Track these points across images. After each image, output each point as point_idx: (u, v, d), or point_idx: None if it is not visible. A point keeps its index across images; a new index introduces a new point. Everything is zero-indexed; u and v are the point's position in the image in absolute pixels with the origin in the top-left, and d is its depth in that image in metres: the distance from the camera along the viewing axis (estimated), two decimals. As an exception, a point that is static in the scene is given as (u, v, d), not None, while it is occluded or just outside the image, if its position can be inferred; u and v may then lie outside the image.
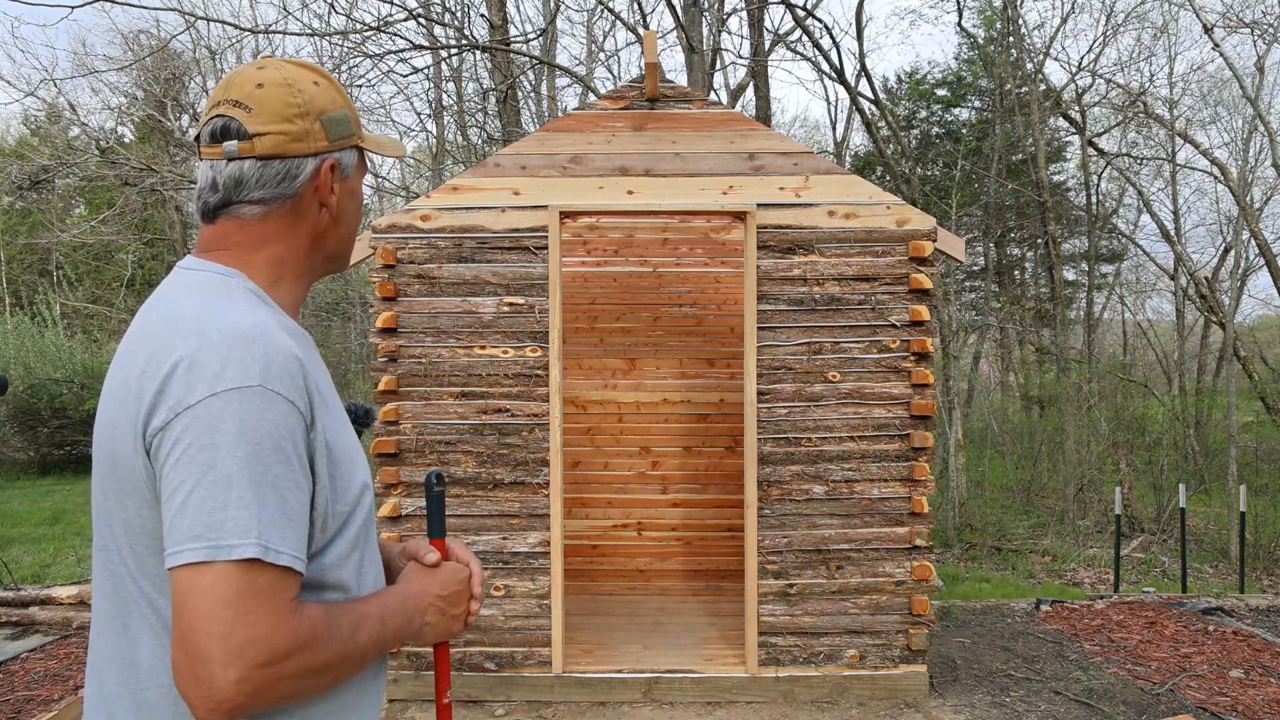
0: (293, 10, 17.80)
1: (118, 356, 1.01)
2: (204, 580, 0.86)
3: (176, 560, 0.87)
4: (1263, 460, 10.18)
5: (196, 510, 0.87)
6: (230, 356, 0.91)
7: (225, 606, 0.85)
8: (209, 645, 0.85)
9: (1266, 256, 10.71)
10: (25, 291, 19.16)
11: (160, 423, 0.91)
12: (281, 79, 1.06)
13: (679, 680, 3.99)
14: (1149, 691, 4.14)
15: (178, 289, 1.04)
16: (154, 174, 15.37)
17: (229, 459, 0.88)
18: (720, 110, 4.09)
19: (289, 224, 1.09)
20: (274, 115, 1.04)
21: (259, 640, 0.86)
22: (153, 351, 0.95)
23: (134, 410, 0.94)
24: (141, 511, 0.96)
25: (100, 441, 1.01)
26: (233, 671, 0.84)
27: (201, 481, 0.88)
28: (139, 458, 0.94)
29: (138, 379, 0.94)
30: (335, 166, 1.10)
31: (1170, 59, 17.27)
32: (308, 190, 1.09)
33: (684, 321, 5.94)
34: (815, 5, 11.24)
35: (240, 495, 0.88)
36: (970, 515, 8.97)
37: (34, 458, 13.84)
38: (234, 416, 0.89)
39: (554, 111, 13.81)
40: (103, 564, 1.04)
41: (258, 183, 1.06)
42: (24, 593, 5.53)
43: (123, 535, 0.99)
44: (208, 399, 0.89)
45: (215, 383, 0.90)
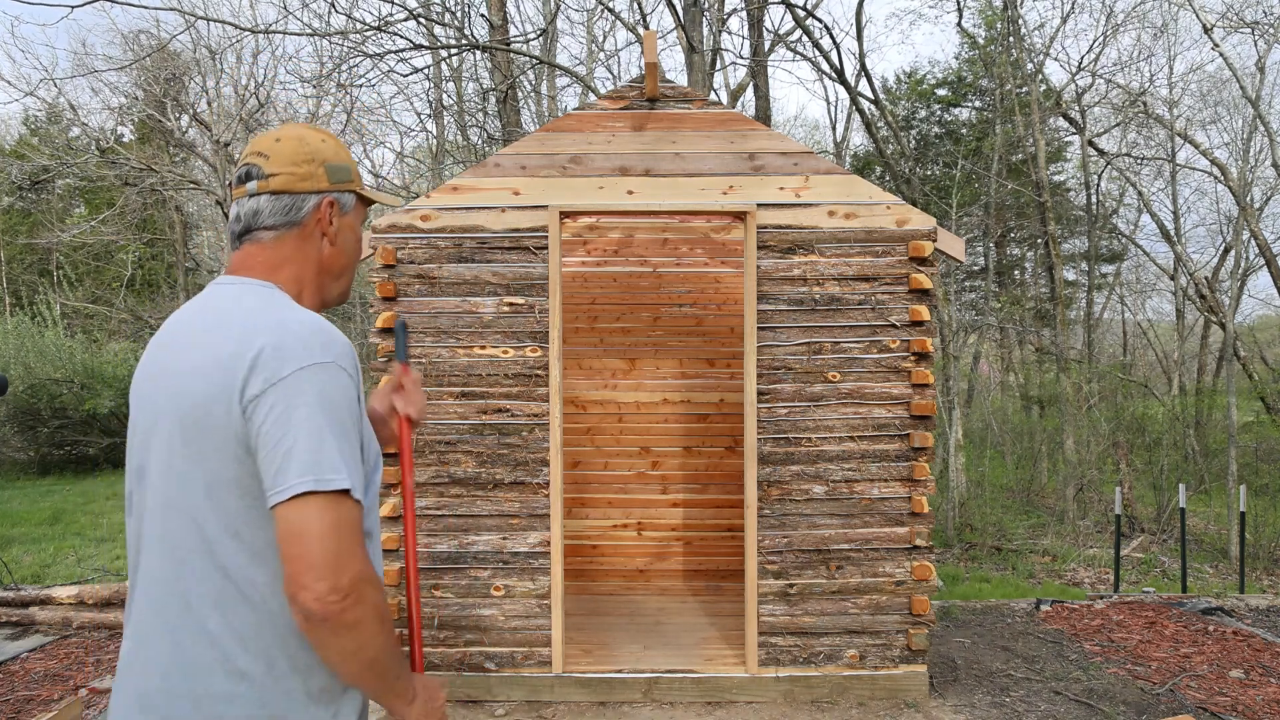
0: (293, 10, 17.82)
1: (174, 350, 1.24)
2: (310, 510, 1.09)
3: (286, 494, 1.10)
4: (1263, 460, 10.18)
5: (299, 456, 1.11)
6: (308, 341, 1.17)
7: (332, 527, 1.10)
8: (318, 550, 1.08)
9: (1266, 256, 10.71)
10: (25, 291, 19.17)
11: (256, 391, 1.13)
12: (294, 135, 1.35)
13: (679, 680, 3.99)
14: (1149, 691, 4.14)
15: (227, 297, 1.27)
16: (154, 174, 15.38)
17: (318, 417, 1.13)
18: (720, 110, 4.09)
19: (298, 248, 1.35)
20: (286, 161, 1.33)
21: (353, 553, 1.11)
22: (236, 340, 1.17)
23: (228, 384, 1.15)
24: (228, 465, 1.16)
25: (174, 416, 1.19)
26: (342, 572, 1.09)
27: (299, 434, 1.12)
28: (234, 421, 1.14)
29: (227, 362, 1.15)
30: (334, 203, 1.37)
31: (1170, 59, 17.29)
32: (311, 220, 1.35)
33: (684, 321, 5.94)
34: (815, 5, 11.24)
35: (329, 444, 1.13)
36: (970, 515, 8.97)
37: (34, 458, 13.84)
38: (316, 385, 1.15)
39: (554, 111, 13.81)
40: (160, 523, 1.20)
41: (270, 213, 1.32)
42: (24, 593, 5.53)
43: (201, 489, 1.17)
44: (296, 372, 1.14)
45: (301, 360, 1.15)
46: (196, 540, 1.17)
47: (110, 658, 4.70)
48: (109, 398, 13.59)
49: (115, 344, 15.83)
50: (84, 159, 15.97)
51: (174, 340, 1.25)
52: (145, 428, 1.25)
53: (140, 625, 1.21)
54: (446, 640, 4.00)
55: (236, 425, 1.14)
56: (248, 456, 1.15)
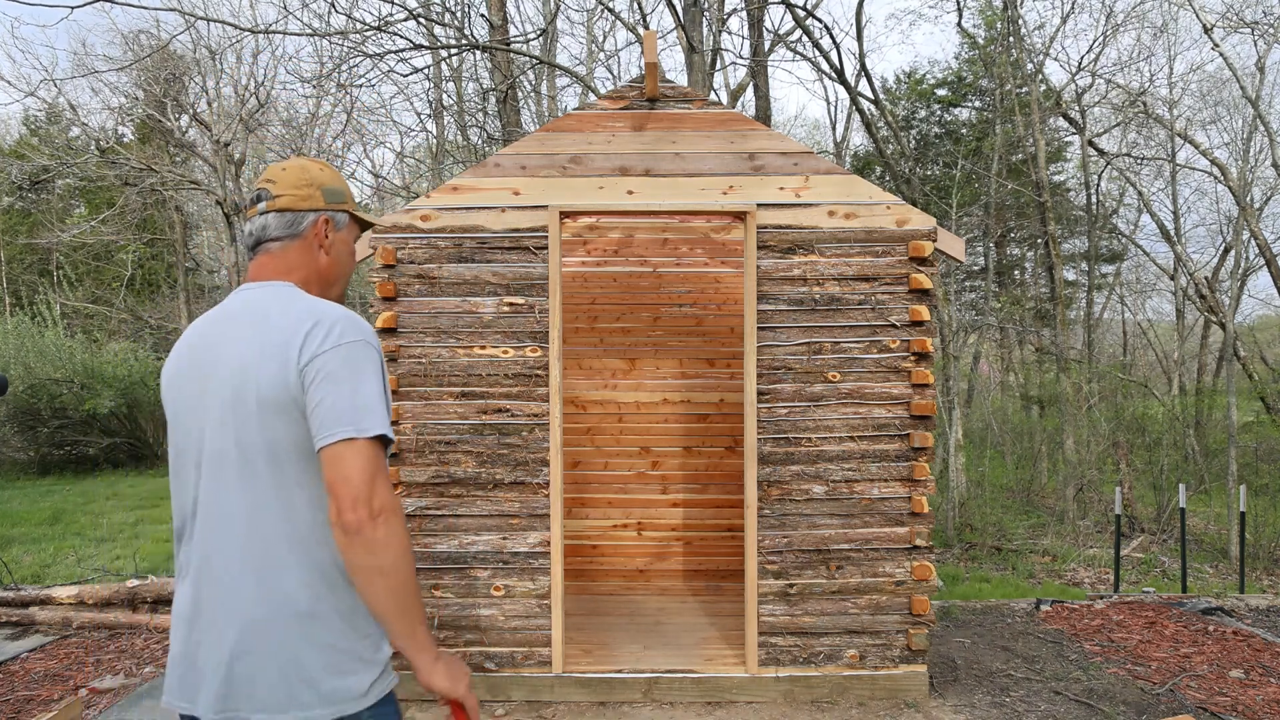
0: (293, 10, 17.83)
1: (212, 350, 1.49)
2: (353, 450, 1.36)
3: (331, 439, 1.37)
4: (1263, 460, 10.18)
5: (342, 409, 1.38)
6: (344, 323, 1.46)
7: (368, 464, 1.37)
8: (357, 480, 1.35)
9: (1266, 256, 10.71)
10: (25, 291, 19.16)
11: (307, 360, 1.41)
12: (298, 165, 1.64)
13: (679, 680, 3.99)
14: (1149, 691, 4.14)
15: (260, 298, 1.53)
16: (154, 174, 15.38)
17: (357, 380, 1.41)
18: (720, 110, 4.09)
19: (300, 258, 1.62)
20: (289, 185, 1.61)
21: (384, 486, 1.38)
22: (283, 328, 1.44)
23: (284, 360, 1.41)
24: (290, 428, 1.42)
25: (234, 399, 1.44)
26: (377, 497, 1.36)
27: (343, 392, 1.39)
28: (293, 388, 1.41)
29: (281, 346, 1.42)
30: (329, 221, 1.65)
31: (1170, 59, 17.29)
32: (310, 234, 1.63)
33: (684, 321, 5.94)
34: (815, 5, 11.23)
35: (367, 400, 1.40)
36: (970, 515, 8.97)
37: (34, 458, 13.84)
38: (354, 355, 1.43)
39: (554, 111, 13.81)
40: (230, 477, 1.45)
41: (276, 226, 1.60)
42: (24, 593, 5.53)
43: (273, 448, 1.43)
44: (335, 346, 1.42)
45: (341, 337, 1.44)
46: (270, 498, 1.43)
47: (110, 658, 4.70)
48: (109, 398, 13.59)
49: (115, 344, 15.82)
50: (84, 159, 15.98)
51: (219, 338, 1.50)
52: (197, 413, 1.49)
53: (215, 575, 1.45)
54: (446, 640, 4.00)
55: (295, 394, 1.42)
56: (304, 419, 1.42)
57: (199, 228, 20.99)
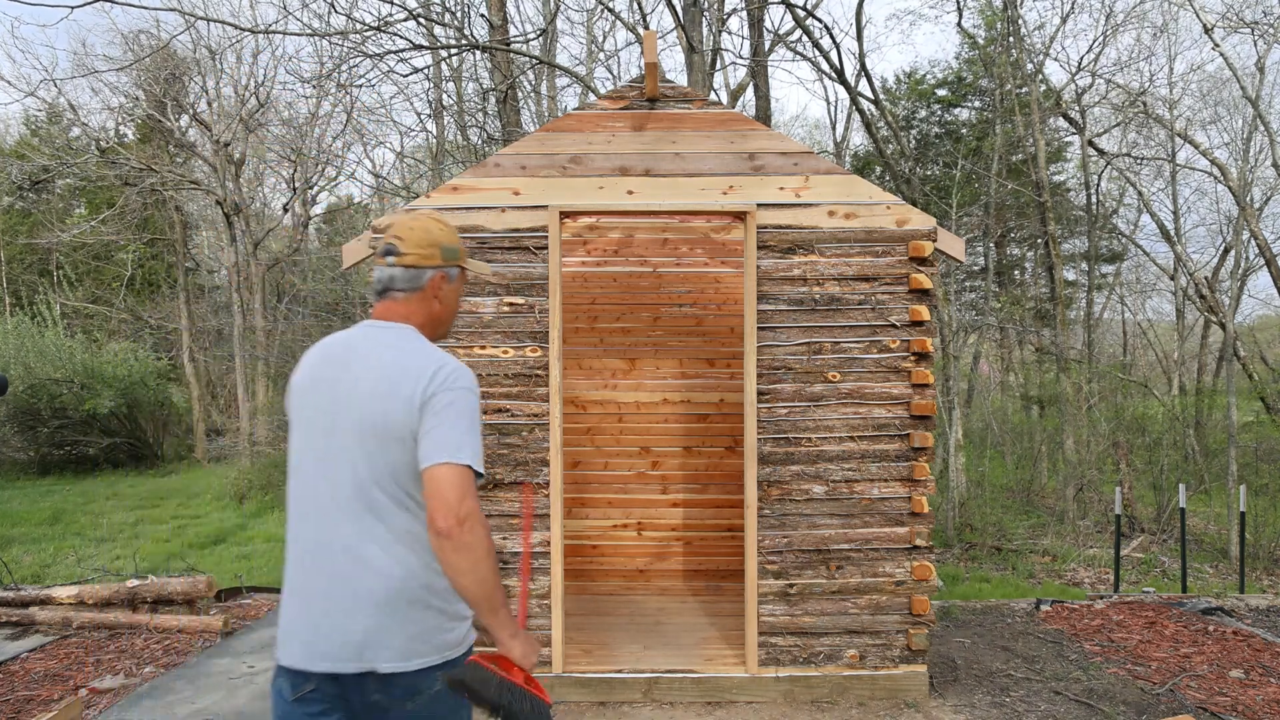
0: (293, 10, 17.83)
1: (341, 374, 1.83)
2: (448, 470, 1.69)
3: (435, 460, 1.70)
4: (1263, 460, 10.18)
5: (445, 441, 1.71)
6: (458, 374, 1.79)
7: (459, 483, 1.68)
8: (450, 495, 1.66)
9: (1266, 256, 10.71)
10: (25, 291, 19.16)
11: (424, 400, 1.74)
12: (422, 226, 1.92)
13: (679, 680, 3.99)
14: (1149, 691, 4.14)
15: (387, 338, 1.87)
16: (154, 174, 15.37)
17: (463, 420, 1.74)
18: (720, 110, 4.09)
19: (419, 306, 1.93)
20: (414, 245, 1.90)
21: (471, 501, 1.68)
22: (408, 368, 1.78)
23: (409, 399, 1.74)
24: (404, 455, 1.75)
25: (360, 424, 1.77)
26: (462, 506, 1.66)
27: (449, 427, 1.72)
28: (412, 422, 1.74)
29: (407, 382, 1.76)
30: (444, 276, 1.95)
31: (1170, 59, 17.29)
32: (428, 287, 1.92)
33: (684, 321, 5.94)
34: (815, 5, 11.23)
35: (464, 437, 1.73)
36: (970, 515, 8.97)
37: (34, 458, 13.84)
38: (463, 400, 1.76)
39: (554, 111, 13.81)
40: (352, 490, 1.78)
41: (402, 280, 1.90)
42: (24, 593, 5.53)
43: (385, 470, 1.77)
44: (450, 390, 1.76)
45: (454, 382, 1.77)
46: (387, 500, 1.77)
47: (110, 658, 4.71)
48: (109, 398, 13.59)
49: (115, 344, 15.81)
50: (84, 159, 15.97)
51: (354, 358, 1.85)
52: (324, 422, 1.82)
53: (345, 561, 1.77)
54: (446, 640, 4.00)
55: (413, 423, 1.74)
56: (415, 445, 1.75)
57: (199, 228, 20.98)
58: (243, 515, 10.02)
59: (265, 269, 16.18)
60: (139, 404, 14.61)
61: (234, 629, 5.26)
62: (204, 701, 4.06)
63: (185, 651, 4.84)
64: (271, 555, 7.86)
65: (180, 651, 4.85)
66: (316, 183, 18.05)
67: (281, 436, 12.16)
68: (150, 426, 15.04)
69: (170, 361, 17.23)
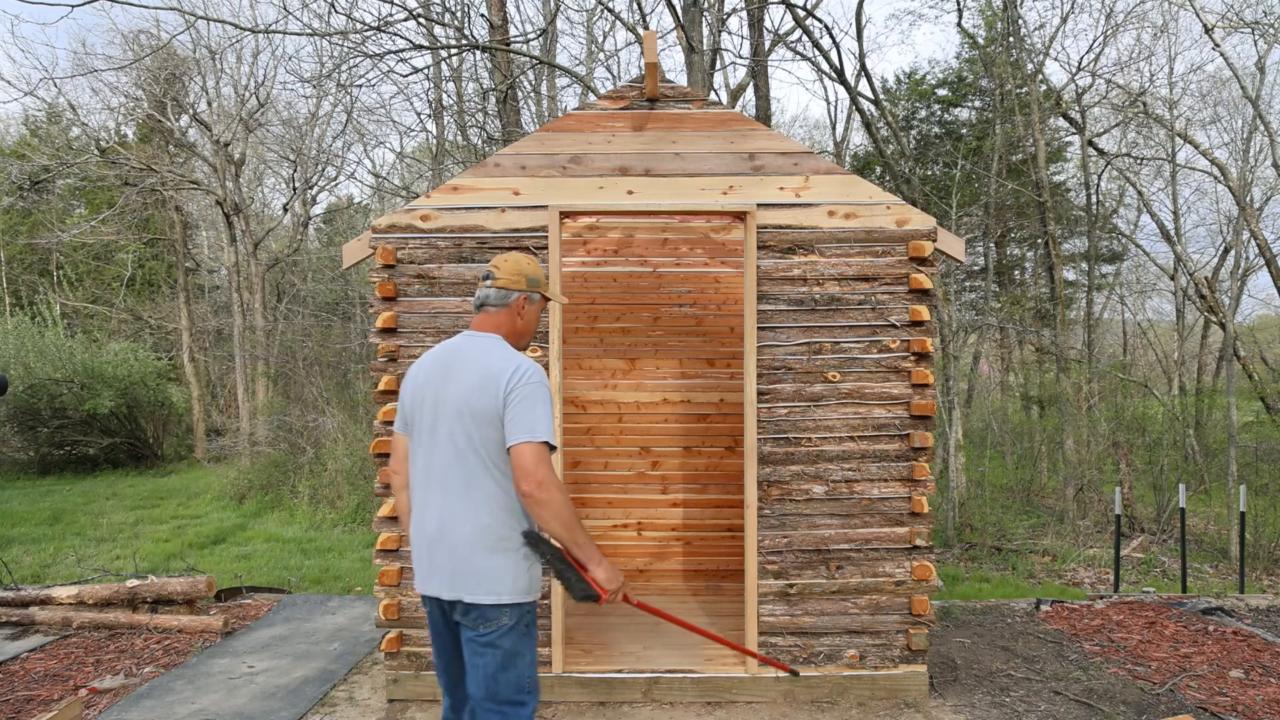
0: (293, 10, 17.82)
1: (446, 373, 2.42)
2: (527, 447, 2.23)
3: (516, 440, 2.25)
4: (1263, 460, 10.17)
5: (522, 423, 2.25)
6: (533, 371, 2.34)
7: (538, 453, 2.23)
8: (529, 464, 2.21)
9: (1266, 256, 10.71)
10: (25, 291, 19.15)
11: (508, 390, 2.29)
12: (514, 260, 2.55)
13: (679, 680, 3.99)
14: (1149, 691, 4.14)
15: (482, 344, 2.45)
16: (154, 174, 15.37)
17: (536, 406, 2.27)
18: (720, 110, 4.09)
19: (505, 320, 2.52)
20: (507, 272, 2.51)
21: (545, 467, 2.22)
22: (496, 365, 2.34)
23: (496, 390, 2.30)
24: (495, 433, 2.31)
25: (460, 410, 2.34)
26: (538, 472, 2.20)
27: (524, 413, 2.26)
28: (498, 407, 2.29)
29: (494, 378, 2.31)
30: (526, 299, 2.54)
31: (1170, 59, 17.25)
32: (514, 306, 2.52)
33: (684, 321, 5.94)
34: (815, 5, 11.23)
35: (540, 419, 2.26)
36: (970, 515, 8.97)
37: (34, 458, 13.84)
38: (535, 391, 2.29)
39: (554, 111, 13.81)
40: (447, 462, 2.37)
41: (494, 298, 2.50)
42: (24, 593, 5.53)
43: (481, 448, 2.32)
44: (525, 384, 2.30)
45: (528, 379, 2.31)
46: (477, 467, 2.33)
47: (110, 658, 4.71)
48: (109, 398, 13.59)
49: (115, 344, 15.81)
50: (84, 159, 15.97)
51: (455, 360, 2.42)
52: (436, 411, 2.39)
53: (446, 513, 2.35)
54: (446, 640, 4.00)
55: (499, 409, 2.30)
56: (501, 426, 2.30)
57: (199, 228, 20.98)
58: (243, 515, 10.02)
59: (265, 269, 16.18)
60: (139, 404, 14.61)
61: (234, 629, 5.26)
62: (204, 701, 4.06)
63: (185, 651, 4.85)
64: (271, 555, 7.86)
65: (180, 651, 4.85)
66: (316, 183, 18.05)
67: (280, 436, 12.17)
68: (150, 426, 15.04)
69: (170, 361, 17.22)
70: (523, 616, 2.37)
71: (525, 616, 2.38)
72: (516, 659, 2.37)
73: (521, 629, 2.37)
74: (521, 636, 2.36)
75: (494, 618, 2.32)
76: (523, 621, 2.37)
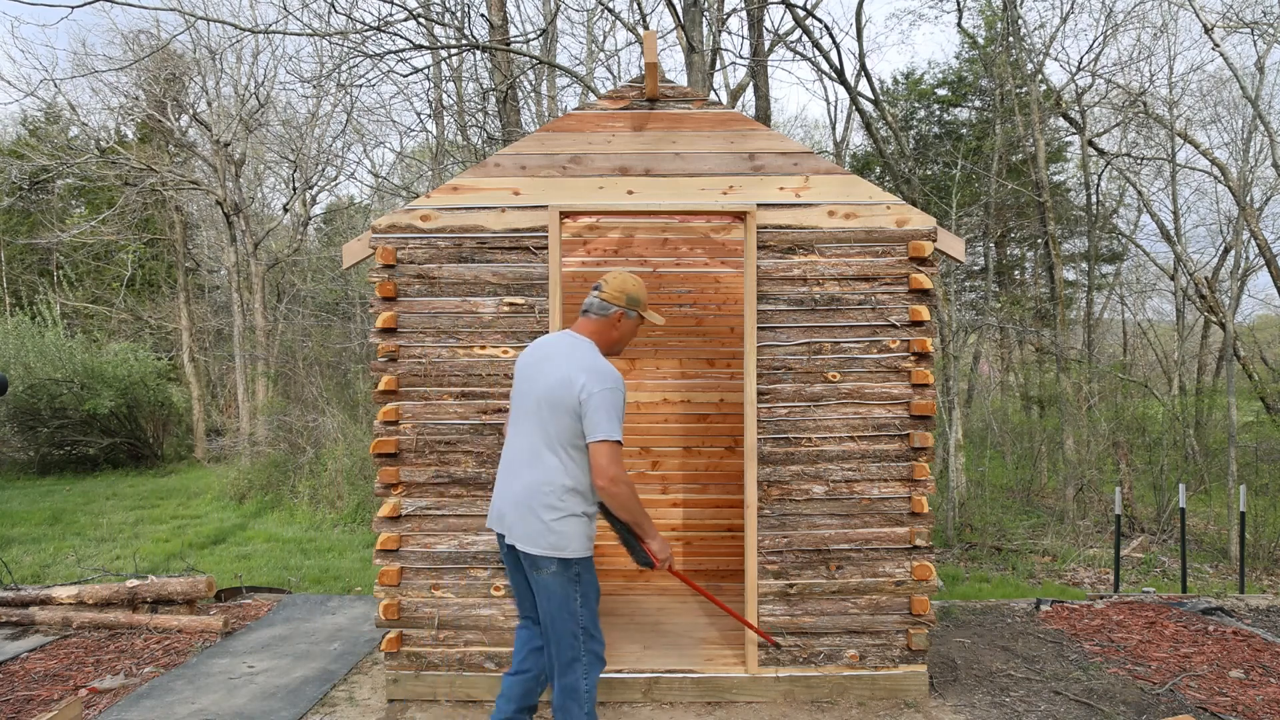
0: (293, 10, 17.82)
1: (541, 363, 2.91)
2: (601, 447, 2.72)
3: (593, 439, 2.73)
4: (1263, 460, 10.18)
5: (598, 424, 2.72)
6: (609, 374, 2.77)
7: (611, 453, 2.73)
8: (602, 462, 2.72)
9: (1266, 256, 10.71)
10: (25, 291, 19.15)
11: (586, 391, 2.73)
12: (621, 276, 2.99)
13: (679, 680, 3.99)
14: (1149, 691, 4.14)
15: (577, 343, 2.90)
16: (154, 174, 15.37)
17: (609, 408, 2.73)
18: (720, 110, 4.09)
19: (602, 328, 2.97)
20: (612, 287, 2.97)
21: (616, 465, 2.73)
22: (579, 367, 2.78)
23: (574, 386, 2.74)
24: (571, 424, 2.77)
25: (542, 397, 2.82)
26: (611, 470, 2.72)
27: (600, 414, 2.71)
28: (574, 403, 2.74)
29: (575, 376, 2.75)
30: (623, 315, 2.98)
31: (1170, 59, 17.21)
32: (612, 318, 2.96)
33: (684, 321, 5.94)
34: (815, 5, 11.23)
35: (613, 420, 2.73)
36: (970, 515, 8.97)
37: (34, 458, 13.83)
38: (612, 393, 2.74)
39: (554, 111, 13.81)
40: (528, 436, 2.88)
41: (597, 308, 2.96)
42: (24, 593, 5.53)
43: (554, 431, 2.80)
44: (603, 387, 2.74)
45: (604, 381, 2.75)
46: (553, 447, 2.81)
47: (110, 658, 4.71)
48: (109, 398, 13.59)
49: (115, 344, 15.81)
50: (84, 159, 15.97)
51: (551, 354, 2.89)
52: (528, 393, 2.89)
53: (517, 473, 2.89)
54: (446, 640, 4.00)
55: (576, 405, 2.74)
56: (578, 420, 2.75)
57: (199, 228, 20.98)
58: (243, 515, 10.02)
59: (265, 269, 16.18)
60: (139, 404, 14.60)
61: (234, 629, 5.26)
62: (204, 701, 4.06)
63: (185, 651, 4.85)
64: (271, 555, 7.86)
65: (180, 651, 4.85)
66: (316, 183, 18.05)
67: (281, 436, 12.16)
68: (150, 426, 15.03)
69: (170, 361, 17.22)
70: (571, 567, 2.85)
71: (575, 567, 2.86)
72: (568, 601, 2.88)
73: (572, 577, 2.85)
74: (568, 588, 2.85)
75: (539, 566, 2.83)
76: (572, 571, 2.84)
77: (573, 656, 2.87)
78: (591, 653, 2.90)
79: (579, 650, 2.87)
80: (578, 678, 2.88)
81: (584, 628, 2.87)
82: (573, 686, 2.88)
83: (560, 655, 2.88)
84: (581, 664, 2.88)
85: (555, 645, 2.88)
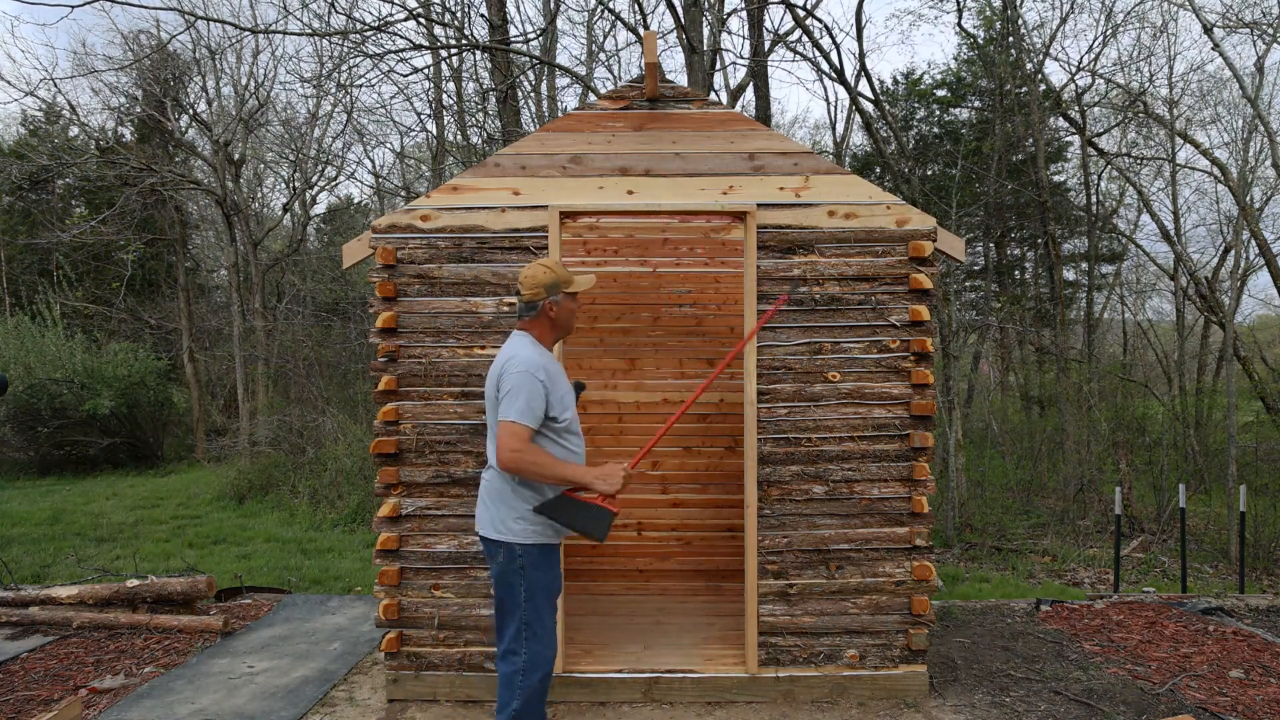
0: (293, 10, 17.81)
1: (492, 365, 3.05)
2: (504, 425, 2.81)
3: (500, 419, 2.82)
4: (1263, 460, 10.17)
5: (506, 407, 2.83)
6: (526, 358, 2.90)
7: (509, 430, 2.80)
8: (503, 440, 2.80)
9: (1266, 256, 10.71)
10: (25, 291, 19.14)
11: (504, 380, 2.87)
12: (531, 273, 3.03)
13: (679, 680, 3.99)
14: (1149, 691, 4.14)
15: (512, 341, 3.04)
16: (154, 174, 15.37)
17: (518, 391, 2.83)
18: (720, 110, 4.09)
19: (537, 322, 3.06)
20: (527, 287, 3.02)
21: (517, 441, 2.80)
22: (503, 359, 2.94)
23: (497, 378, 2.91)
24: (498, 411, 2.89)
25: (488, 396, 2.97)
26: (509, 445, 2.79)
27: (509, 398, 2.84)
28: (496, 391, 2.91)
29: (499, 368, 2.92)
30: (551, 304, 3.03)
31: (1170, 59, 17.22)
32: (542, 311, 3.04)
33: (684, 321, 5.94)
34: (815, 5, 11.23)
35: (519, 404, 2.82)
36: (970, 515, 8.97)
37: (34, 458, 13.82)
38: (522, 377, 2.85)
39: (554, 111, 13.81)
40: (489, 433, 3.01)
41: (523, 309, 3.05)
42: (24, 593, 5.53)
43: (493, 424, 2.94)
44: (515, 372, 2.86)
45: (517, 366, 2.86)
46: (491, 441, 2.98)
47: (110, 658, 4.71)
48: (109, 398, 13.58)
49: (115, 344, 15.80)
50: (84, 159, 15.97)
51: (498, 355, 3.01)
52: (488, 390, 3.00)
53: (484, 472, 3.07)
54: (446, 640, 4.00)
55: (496, 393, 2.89)
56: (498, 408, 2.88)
57: (199, 228, 20.97)
58: (242, 515, 10.01)
59: (265, 269, 16.17)
60: (139, 404, 14.59)
61: (234, 629, 5.26)
62: (204, 701, 4.06)
63: (185, 651, 4.85)
64: (271, 555, 7.86)
65: (180, 651, 4.85)
66: (316, 183, 18.05)
67: (281, 437, 12.16)
68: (150, 426, 15.03)
69: (170, 361, 17.21)
70: (516, 556, 2.91)
71: (520, 558, 2.91)
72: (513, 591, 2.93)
73: (516, 567, 2.92)
74: (525, 574, 2.91)
75: (495, 553, 2.95)
76: (517, 561, 2.91)
77: (510, 649, 2.90)
78: (533, 652, 2.89)
79: (519, 644, 2.88)
80: (514, 670, 2.89)
81: (527, 623, 2.88)
82: (508, 676, 2.90)
83: (501, 643, 2.95)
84: (520, 658, 2.88)
85: (499, 633, 2.97)
